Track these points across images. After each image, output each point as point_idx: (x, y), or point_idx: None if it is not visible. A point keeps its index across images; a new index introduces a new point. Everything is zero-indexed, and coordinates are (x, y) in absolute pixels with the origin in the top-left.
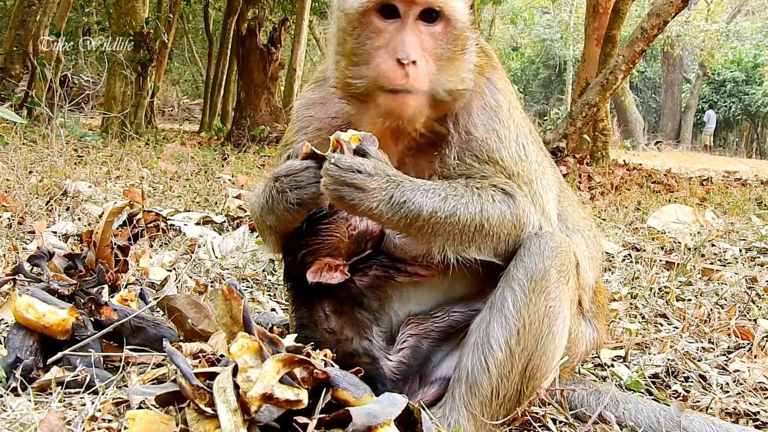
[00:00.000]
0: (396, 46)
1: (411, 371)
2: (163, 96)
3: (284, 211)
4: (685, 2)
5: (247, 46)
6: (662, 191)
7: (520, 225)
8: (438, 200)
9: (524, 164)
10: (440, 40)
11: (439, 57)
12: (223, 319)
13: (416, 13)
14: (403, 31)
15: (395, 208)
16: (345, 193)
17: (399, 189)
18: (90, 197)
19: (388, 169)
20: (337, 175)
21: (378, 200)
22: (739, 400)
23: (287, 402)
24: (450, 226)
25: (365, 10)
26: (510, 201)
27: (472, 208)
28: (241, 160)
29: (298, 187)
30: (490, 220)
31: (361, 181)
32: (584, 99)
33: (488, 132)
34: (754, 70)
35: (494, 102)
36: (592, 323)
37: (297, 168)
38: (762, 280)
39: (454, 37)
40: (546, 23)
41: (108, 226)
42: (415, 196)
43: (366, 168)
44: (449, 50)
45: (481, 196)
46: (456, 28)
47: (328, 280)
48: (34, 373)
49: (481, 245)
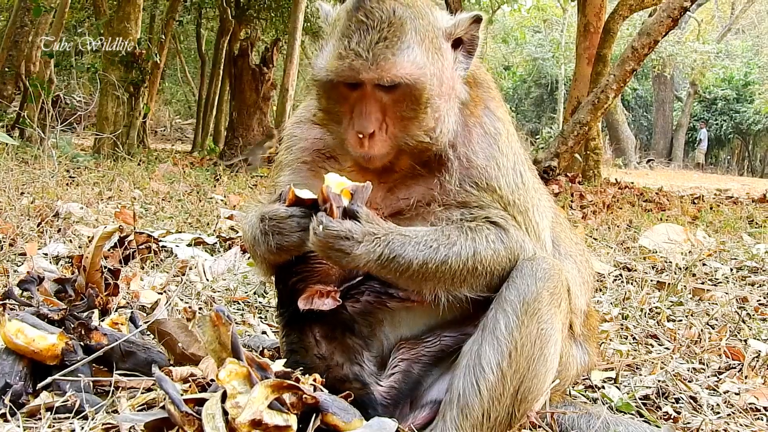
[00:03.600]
0: (356, 118)
1: (402, 396)
2: (156, 116)
3: (267, 252)
4: (675, 21)
5: (239, 66)
6: (654, 210)
7: (514, 257)
8: (429, 252)
9: (521, 192)
10: (401, 103)
11: (401, 118)
12: (211, 345)
13: (372, 84)
14: (363, 101)
15: (384, 264)
16: (332, 255)
17: (388, 247)
18: (82, 218)
19: (377, 228)
20: (325, 241)
21: (366, 260)
22: (729, 421)
23: (276, 428)
24: (441, 273)
25: (330, 80)
26: (504, 235)
27: (465, 254)
28: (233, 181)
29: (280, 234)
30: (483, 261)
31: (348, 248)
32: (576, 118)
33: (488, 160)
34: (744, 88)
35: (494, 130)
36: (583, 347)
37: (281, 215)
38: (753, 300)
39: (415, 98)
40: (537, 42)
41: (98, 251)
42: (405, 250)
43: (354, 234)
44: (411, 110)
45: (474, 239)
46: (417, 89)
47: (319, 306)
48: (24, 399)
49: (474, 284)
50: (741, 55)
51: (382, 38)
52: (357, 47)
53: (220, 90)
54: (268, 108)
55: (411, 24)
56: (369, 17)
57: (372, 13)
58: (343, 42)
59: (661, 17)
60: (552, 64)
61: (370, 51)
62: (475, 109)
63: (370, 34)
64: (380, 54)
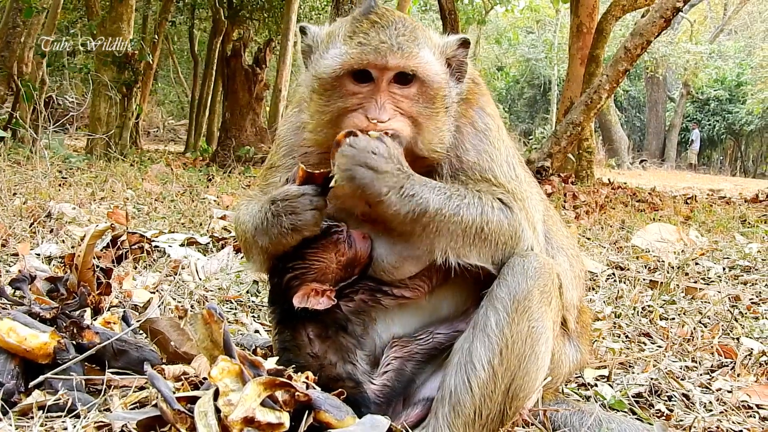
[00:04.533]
0: (368, 109)
1: (395, 394)
2: (148, 117)
3: (278, 234)
4: (668, 22)
5: (232, 67)
6: (647, 210)
7: (516, 236)
8: (444, 198)
9: (516, 183)
10: (416, 101)
11: (416, 117)
12: (203, 343)
13: (389, 77)
14: (376, 94)
15: (404, 200)
16: (358, 173)
17: (409, 181)
18: (74, 219)
19: (402, 159)
20: (352, 154)
21: (389, 186)
22: (722, 418)
23: (269, 425)
24: (454, 225)
25: (339, 75)
26: (507, 211)
27: (474, 209)
28: (226, 181)
29: (294, 213)
30: (489, 224)
31: (375, 162)
32: (569, 118)
33: (480, 154)
34: (737, 88)
35: (484, 126)
36: (575, 344)
37: (293, 194)
38: (745, 299)
39: (430, 97)
40: (531, 43)
41: (90, 249)
42: (423, 191)
43: (381, 150)
44: (426, 110)
45: (481, 199)
46: (432, 88)
47: (314, 305)
48: (16, 397)
49: (481, 250)
50: (733, 55)
51: (401, 33)
52: (379, 36)
53: (213, 91)
54: (260, 108)
55: (421, 32)
56: (382, 19)
57: (384, 15)
58: (357, 37)
59: (653, 18)
60: (545, 64)
61: (393, 39)
62: (467, 111)
63: (389, 29)
64: (404, 44)
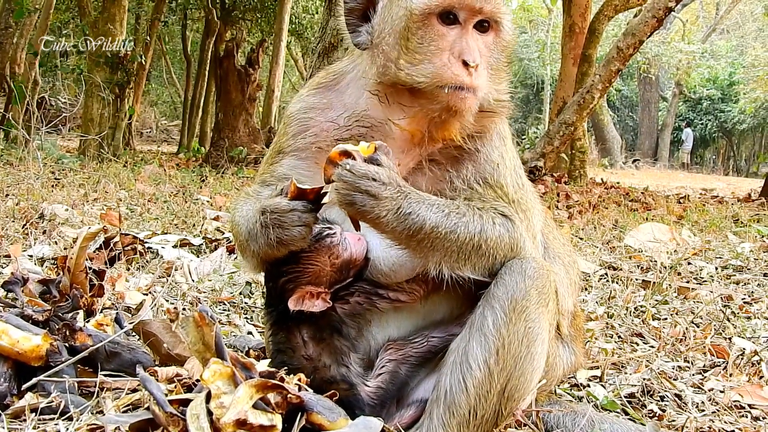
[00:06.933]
0: (462, 50)
1: (389, 396)
2: (141, 117)
3: (265, 245)
4: (660, 22)
5: (225, 68)
6: (640, 209)
7: (516, 249)
8: (441, 216)
9: (522, 192)
10: (491, 50)
11: (489, 65)
12: (195, 346)
13: (475, 21)
14: (466, 36)
15: (401, 219)
16: (357, 200)
17: (407, 200)
18: (67, 220)
19: (399, 179)
20: (351, 180)
21: (387, 209)
22: (714, 418)
23: (261, 427)
24: (449, 242)
25: (428, 12)
26: (509, 225)
27: (473, 227)
28: (219, 182)
29: (281, 227)
30: (488, 241)
31: (375, 189)
32: (561, 118)
33: (500, 158)
34: (729, 87)
35: (504, 131)
36: (570, 347)
37: (283, 208)
38: (737, 299)
39: (503, 47)
40: (523, 43)
41: (82, 252)
42: (420, 208)
43: (381, 176)
44: (498, 60)
45: (482, 217)
46: (505, 39)
47: (309, 308)
48: (8, 400)
49: (477, 264)
50: (726, 55)
51: None
52: None
53: (206, 91)
54: (253, 109)
55: None
56: None
57: None
58: None
59: (646, 17)
60: (538, 64)
61: None
62: None
63: None
64: None
